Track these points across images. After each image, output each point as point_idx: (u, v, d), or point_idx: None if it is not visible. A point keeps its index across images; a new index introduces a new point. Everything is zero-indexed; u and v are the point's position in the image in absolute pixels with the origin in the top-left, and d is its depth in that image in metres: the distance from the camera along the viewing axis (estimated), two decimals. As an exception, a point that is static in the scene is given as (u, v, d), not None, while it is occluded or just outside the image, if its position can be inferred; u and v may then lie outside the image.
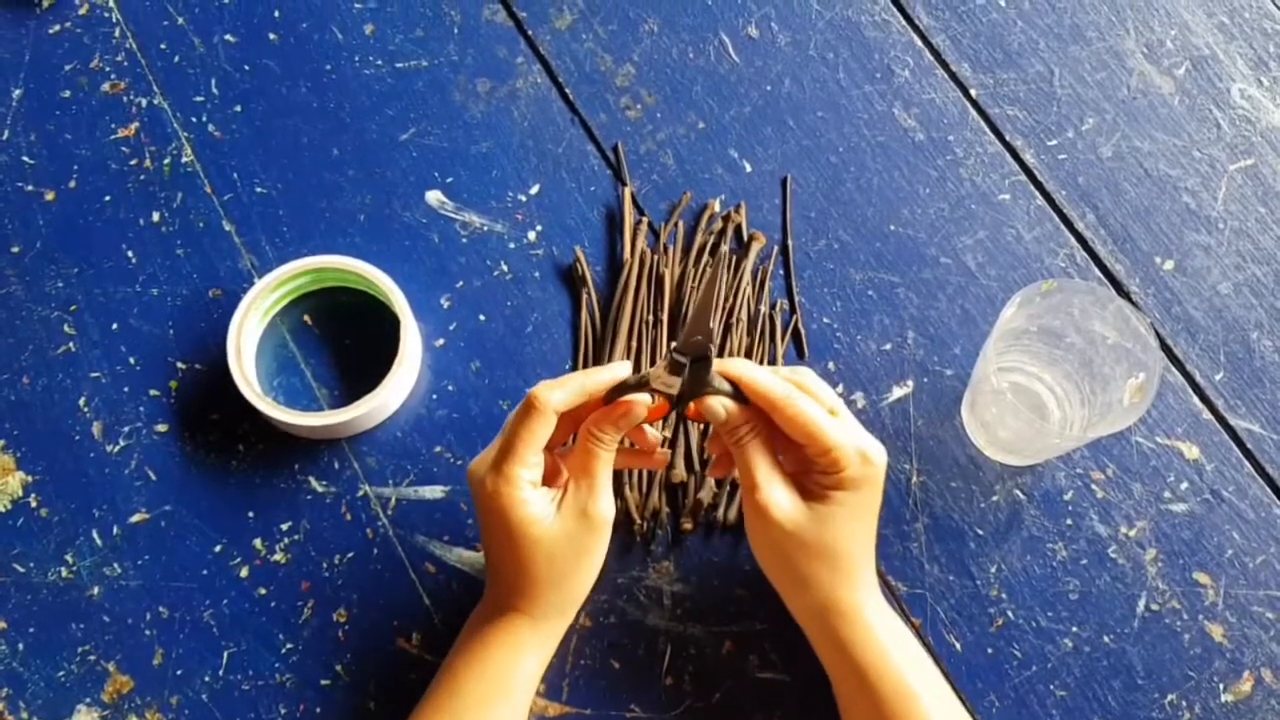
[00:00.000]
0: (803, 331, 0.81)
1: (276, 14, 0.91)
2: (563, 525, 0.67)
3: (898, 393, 0.80)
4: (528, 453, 0.66)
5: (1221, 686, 0.74)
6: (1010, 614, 0.75)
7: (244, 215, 0.85)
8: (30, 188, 0.86)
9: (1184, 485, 0.78)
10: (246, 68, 0.89)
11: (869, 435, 0.67)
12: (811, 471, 0.66)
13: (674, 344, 0.67)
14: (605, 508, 0.67)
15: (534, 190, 0.86)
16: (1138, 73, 0.88)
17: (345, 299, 0.83)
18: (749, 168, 0.86)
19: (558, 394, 0.66)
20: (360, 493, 0.78)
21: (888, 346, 0.81)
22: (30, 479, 0.78)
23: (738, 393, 0.66)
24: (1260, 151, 0.86)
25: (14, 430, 0.80)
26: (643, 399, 0.66)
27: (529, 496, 0.66)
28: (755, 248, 0.83)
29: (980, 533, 0.77)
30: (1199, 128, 0.87)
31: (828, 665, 0.69)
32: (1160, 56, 0.89)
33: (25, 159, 0.86)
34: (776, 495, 0.65)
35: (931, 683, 0.66)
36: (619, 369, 0.68)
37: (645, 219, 0.84)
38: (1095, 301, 0.71)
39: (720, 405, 0.66)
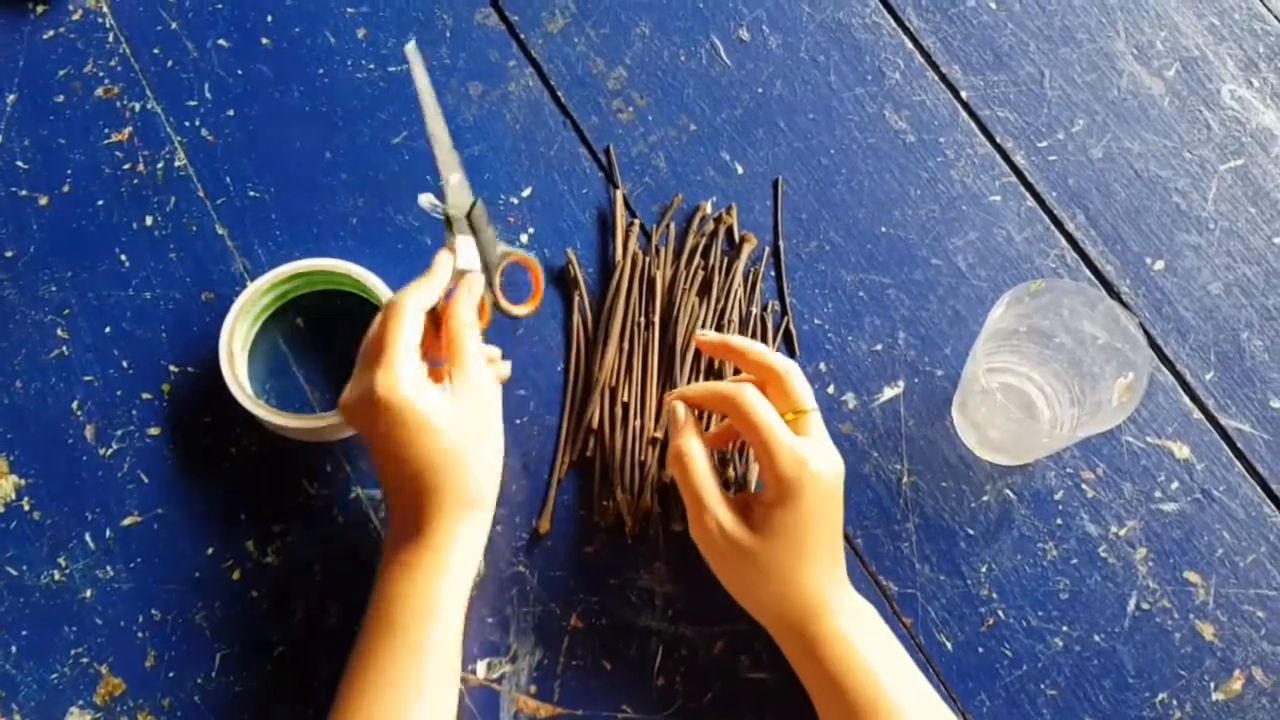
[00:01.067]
0: (794, 332, 0.82)
1: (269, 19, 0.91)
2: (457, 406, 0.68)
3: (889, 393, 0.80)
4: (405, 349, 0.68)
5: (1212, 685, 0.74)
6: (1001, 613, 0.75)
7: (237, 219, 0.85)
8: (24, 192, 0.86)
9: (1174, 485, 0.78)
10: (239, 72, 0.89)
11: (826, 446, 0.67)
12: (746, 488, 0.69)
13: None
14: (486, 375, 0.71)
15: (526, 193, 0.86)
16: (1128, 74, 0.89)
17: (338, 302, 0.83)
18: (740, 170, 0.86)
19: (415, 293, 0.70)
20: (352, 495, 0.78)
21: (879, 347, 0.81)
22: (23, 482, 0.79)
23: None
24: (1250, 152, 0.86)
25: (7, 434, 0.80)
26: (474, 269, 0.75)
27: (424, 390, 0.68)
28: (747, 249, 0.83)
29: (971, 532, 0.77)
30: (1189, 129, 0.87)
31: (800, 674, 0.68)
32: (1150, 58, 0.89)
33: (19, 164, 0.87)
34: (717, 515, 0.66)
35: (906, 682, 0.66)
36: (445, 255, 0.75)
37: (637, 221, 0.85)
38: (1084, 301, 0.71)
39: (680, 408, 0.70)
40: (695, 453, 0.68)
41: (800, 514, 0.65)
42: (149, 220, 0.85)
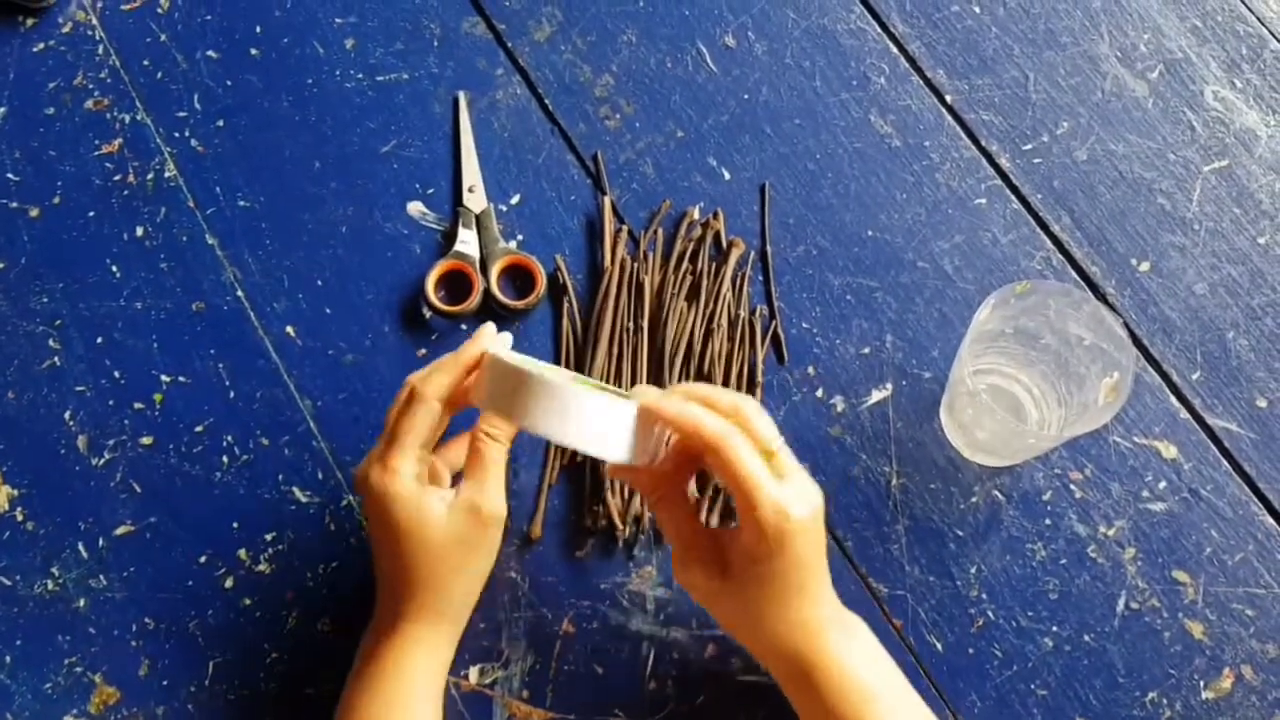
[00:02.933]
0: (782, 336, 0.82)
1: (258, 30, 0.91)
2: (453, 523, 0.66)
3: (877, 396, 0.81)
4: (412, 446, 0.66)
5: (1202, 684, 0.74)
6: (991, 614, 0.75)
7: (227, 229, 0.86)
8: (14, 204, 0.86)
9: (1162, 484, 0.78)
10: (229, 83, 0.90)
11: (802, 484, 0.64)
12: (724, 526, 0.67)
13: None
14: (497, 505, 0.68)
15: (515, 200, 0.86)
16: (1112, 76, 0.89)
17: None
18: (727, 175, 0.87)
19: (437, 379, 0.66)
20: (344, 502, 0.78)
21: (866, 350, 0.82)
22: (16, 492, 0.79)
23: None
24: (1234, 153, 0.87)
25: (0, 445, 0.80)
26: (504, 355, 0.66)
27: (416, 492, 0.66)
28: (734, 254, 0.83)
29: (960, 534, 0.77)
30: (1173, 130, 0.87)
31: (794, 703, 0.66)
32: (1134, 60, 0.90)
33: (9, 176, 0.87)
34: (692, 568, 0.65)
35: (905, 708, 0.65)
36: (486, 335, 0.69)
37: (625, 227, 0.85)
38: (1070, 303, 0.72)
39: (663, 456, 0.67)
40: (675, 506, 0.66)
41: (784, 562, 0.62)
42: (139, 231, 0.86)
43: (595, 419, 0.62)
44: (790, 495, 0.62)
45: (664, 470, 0.66)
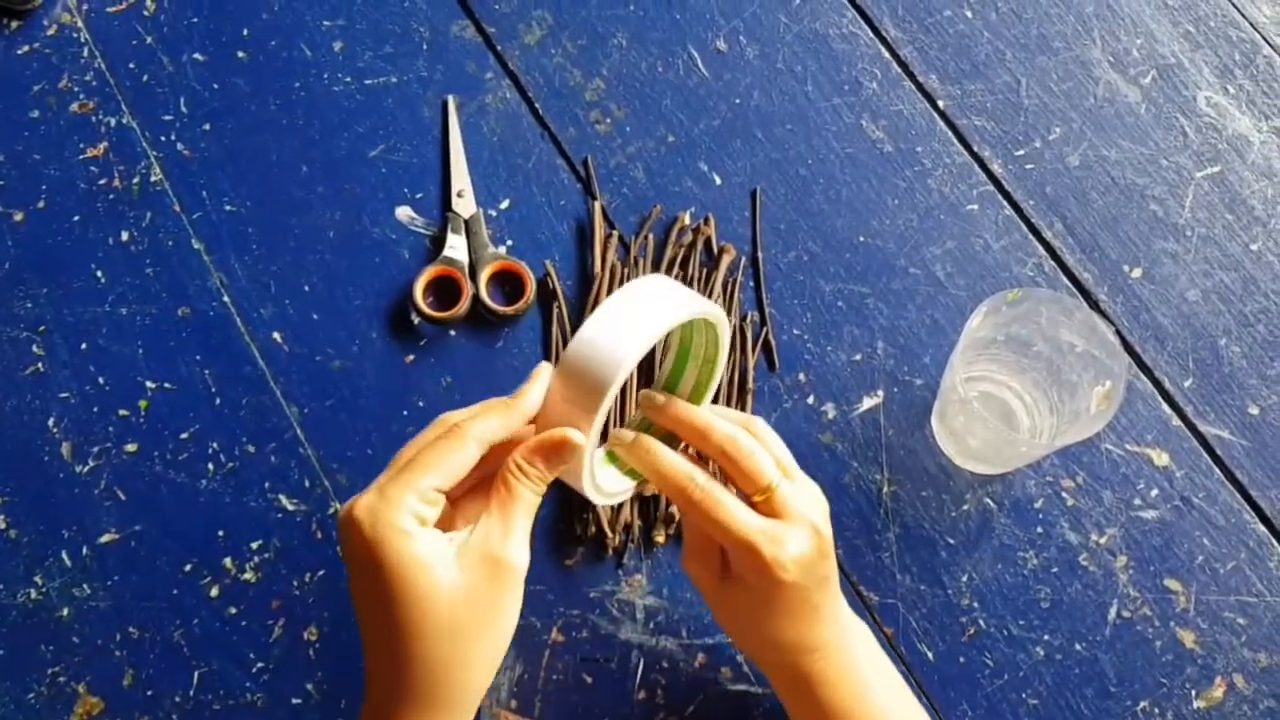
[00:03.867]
0: (773, 343, 0.81)
1: (245, 32, 0.91)
2: (464, 574, 0.51)
3: (868, 403, 0.80)
4: (429, 480, 0.52)
5: (1194, 693, 0.74)
6: (982, 623, 0.75)
7: (213, 233, 0.85)
8: (-1, 208, 0.86)
9: (1154, 492, 0.78)
10: (215, 86, 0.89)
11: (801, 523, 0.59)
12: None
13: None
14: (521, 555, 0.53)
15: (504, 205, 0.86)
16: (1104, 82, 0.89)
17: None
18: (718, 180, 0.86)
19: (486, 420, 0.53)
20: (330, 510, 0.78)
21: (858, 357, 0.81)
22: (-1, 500, 0.78)
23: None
24: (1227, 159, 0.86)
25: (-18, 451, 0.79)
26: (581, 438, 0.54)
27: (417, 532, 0.51)
28: (725, 260, 0.83)
29: (951, 542, 0.77)
30: (1166, 136, 0.87)
31: (791, 711, 0.65)
32: (1127, 65, 0.89)
33: (-6, 179, 0.86)
34: (697, 567, 0.63)
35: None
36: (544, 375, 0.56)
37: (616, 232, 0.84)
38: (1062, 310, 0.71)
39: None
40: (722, 499, 0.59)
41: (780, 601, 0.60)
42: (125, 235, 0.85)
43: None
44: (783, 546, 0.58)
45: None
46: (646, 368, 0.79)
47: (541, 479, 0.55)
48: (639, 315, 0.54)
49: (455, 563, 0.51)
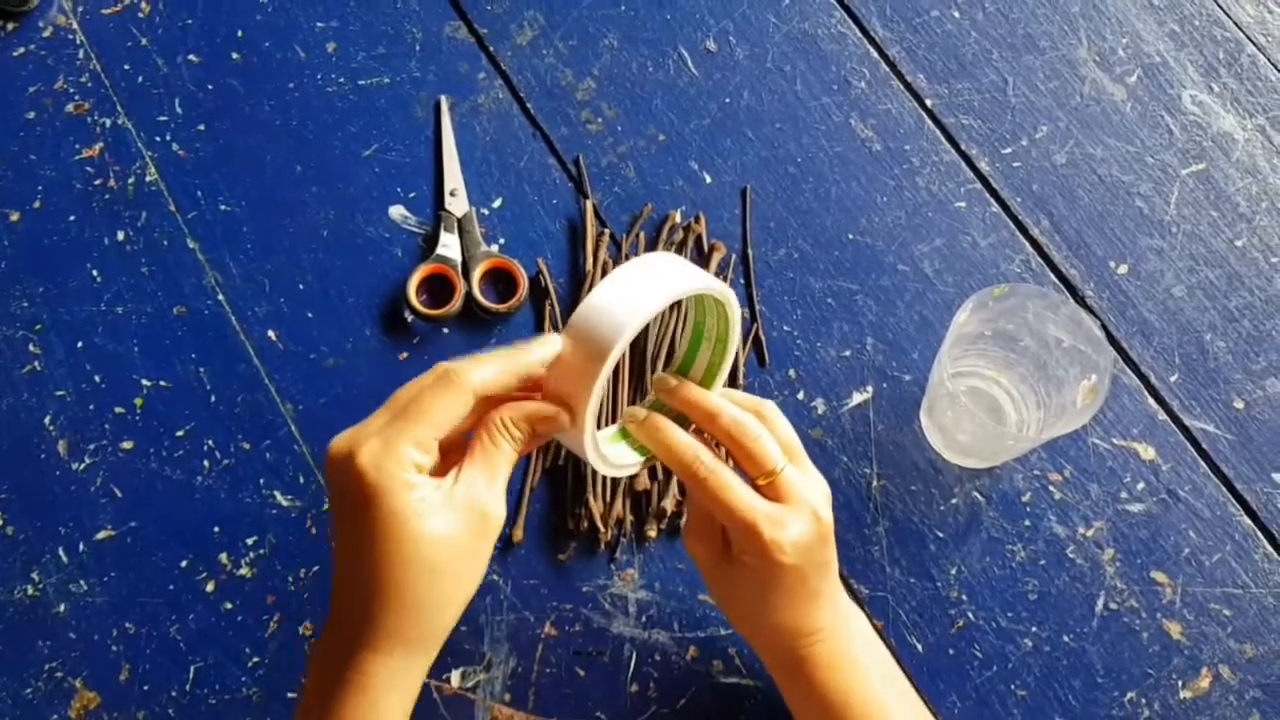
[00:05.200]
0: (763, 339, 0.82)
1: (239, 34, 0.91)
2: (450, 520, 0.54)
3: (857, 398, 0.81)
4: (427, 430, 0.54)
5: (1180, 683, 0.74)
6: (971, 615, 0.76)
7: (208, 233, 0.85)
8: (-5, 208, 0.86)
9: (1140, 485, 0.79)
10: (210, 87, 0.90)
11: (802, 508, 0.61)
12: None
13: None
14: (501, 506, 0.56)
15: (497, 204, 0.86)
16: (1090, 81, 0.90)
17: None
18: (709, 179, 0.87)
19: (483, 368, 0.55)
20: (325, 506, 0.78)
21: (847, 353, 0.82)
22: (-4, 498, 0.79)
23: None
24: (1211, 156, 0.87)
25: (-21, 449, 0.80)
26: (564, 418, 0.57)
27: (415, 480, 0.53)
28: (716, 258, 0.84)
29: (940, 535, 0.77)
30: (1151, 134, 0.88)
31: (787, 697, 0.66)
32: (1112, 64, 0.90)
33: (-10, 180, 0.87)
34: (698, 546, 0.64)
35: (907, 707, 0.65)
36: (551, 342, 0.57)
37: (607, 230, 0.85)
38: (1048, 305, 0.72)
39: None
40: (727, 479, 0.61)
41: (778, 583, 0.61)
42: (120, 235, 0.85)
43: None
44: (784, 530, 0.60)
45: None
46: (668, 351, 0.80)
47: (523, 441, 0.56)
48: (646, 285, 0.56)
49: (443, 509, 0.53)
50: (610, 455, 0.63)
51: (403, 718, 0.56)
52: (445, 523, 0.54)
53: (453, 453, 0.57)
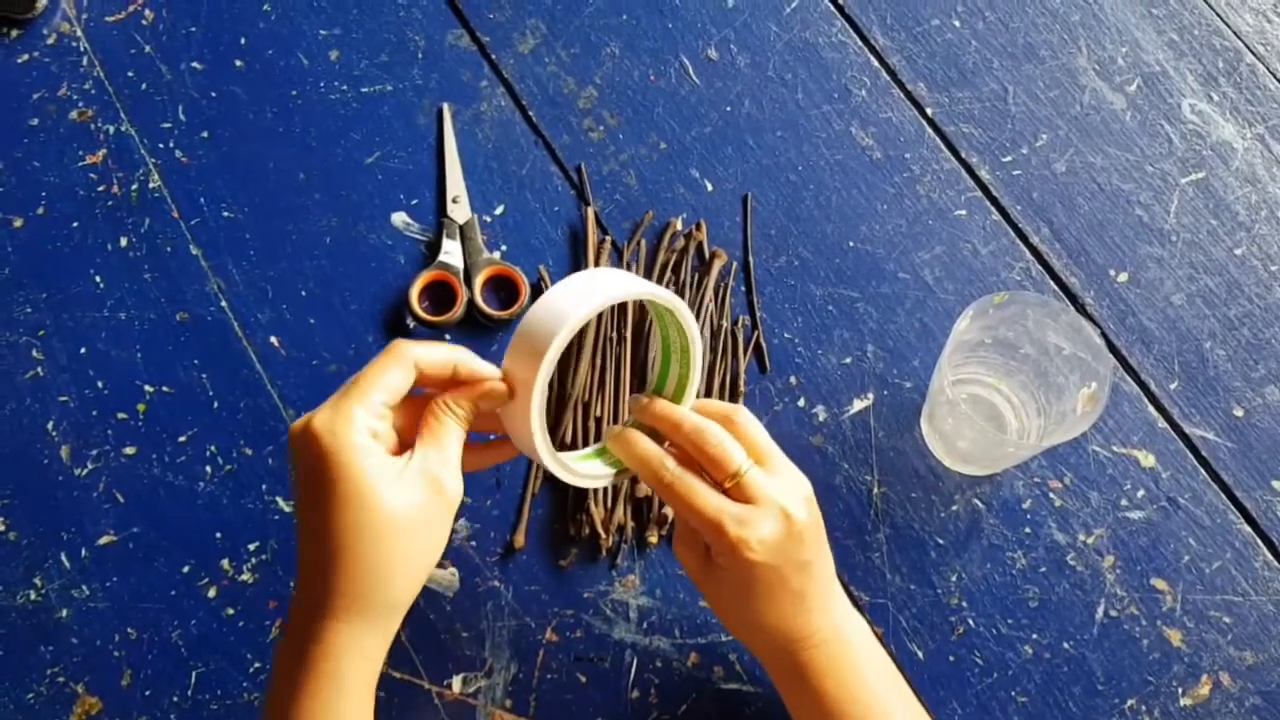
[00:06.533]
0: (764, 347, 0.82)
1: (243, 41, 0.92)
2: (406, 488, 0.56)
3: (858, 405, 0.81)
4: (376, 395, 0.57)
5: (1180, 690, 0.74)
6: (971, 622, 0.76)
7: (211, 239, 0.86)
8: (-2, 215, 0.87)
9: (1141, 493, 0.79)
10: (213, 94, 0.90)
11: (771, 509, 0.61)
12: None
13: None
14: (455, 479, 0.58)
15: (499, 211, 0.87)
16: (1090, 90, 0.90)
17: (312, 321, 0.84)
18: (710, 187, 0.87)
19: (429, 349, 0.59)
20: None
21: (848, 360, 0.82)
22: (-2, 503, 0.79)
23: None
24: (1211, 165, 0.88)
25: (-18, 455, 0.80)
26: (501, 387, 0.60)
27: (370, 446, 0.56)
28: (717, 265, 0.84)
29: (941, 542, 0.78)
30: (1151, 142, 0.88)
31: (787, 701, 0.66)
32: (1112, 73, 0.90)
33: (-7, 186, 0.87)
34: (687, 553, 0.65)
35: (906, 711, 0.65)
36: (486, 366, 0.61)
37: (608, 238, 0.86)
38: (1048, 313, 0.72)
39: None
40: (691, 483, 0.63)
41: (754, 583, 0.62)
42: (123, 241, 0.86)
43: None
44: (752, 527, 0.61)
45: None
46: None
47: (465, 418, 0.60)
48: (588, 289, 0.60)
49: (398, 479, 0.56)
50: (585, 469, 0.66)
51: (366, 686, 0.58)
52: (401, 491, 0.56)
53: (408, 434, 0.60)
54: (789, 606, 0.63)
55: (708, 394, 0.81)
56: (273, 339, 0.83)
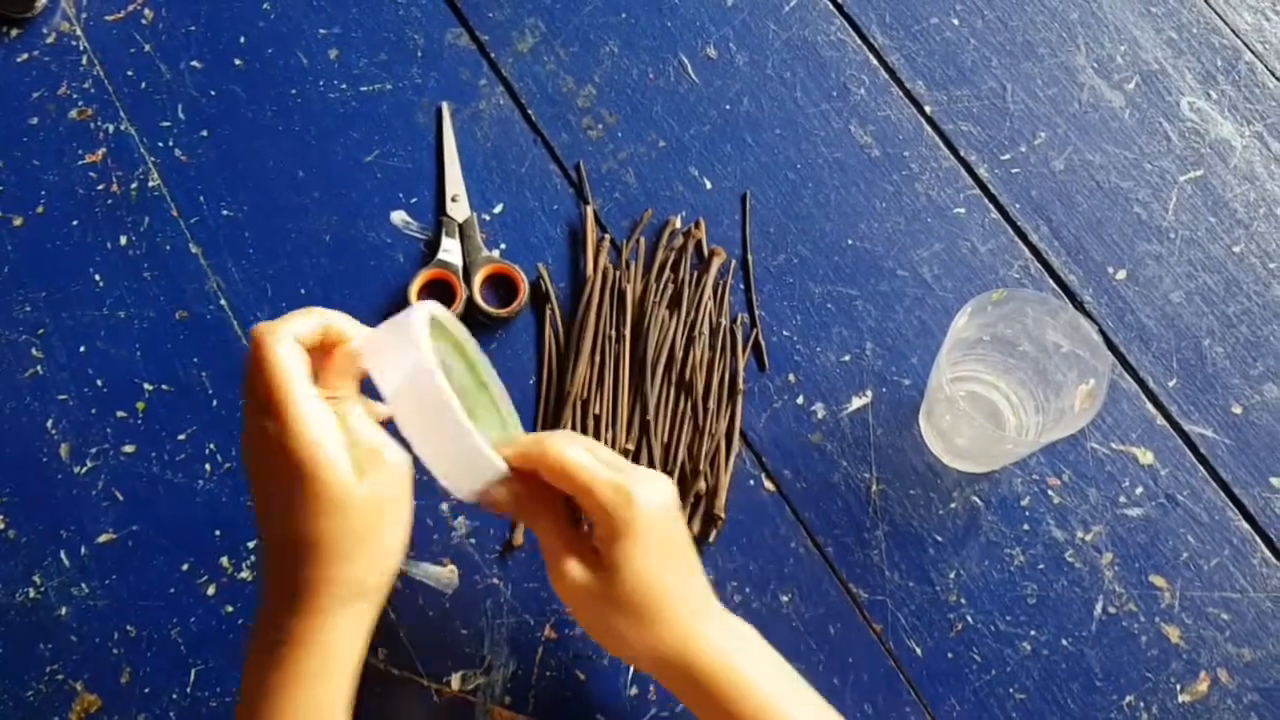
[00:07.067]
0: (763, 344, 0.83)
1: (242, 40, 0.92)
2: (366, 480, 0.57)
3: (857, 403, 0.81)
4: (299, 386, 0.56)
5: (1178, 687, 0.75)
6: (969, 619, 0.76)
7: (210, 238, 0.86)
8: (-2, 213, 0.87)
9: (1139, 490, 0.79)
10: (212, 93, 0.90)
11: (649, 476, 0.63)
12: (593, 531, 0.62)
13: None
14: (396, 454, 0.59)
15: (498, 209, 0.87)
16: (1089, 87, 0.90)
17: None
18: (709, 185, 0.87)
19: (290, 322, 0.58)
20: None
21: (847, 358, 0.82)
22: (-2, 501, 0.79)
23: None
24: (1209, 163, 0.88)
25: (-18, 453, 0.80)
26: (355, 346, 0.60)
27: (328, 442, 0.56)
28: (716, 263, 0.84)
29: (939, 539, 0.78)
30: (1149, 140, 0.88)
31: (696, 714, 0.64)
32: (1110, 71, 0.91)
33: (-7, 185, 0.87)
34: (568, 566, 0.62)
35: (804, 702, 0.63)
36: (350, 325, 0.61)
37: (607, 236, 0.86)
38: (1047, 310, 0.72)
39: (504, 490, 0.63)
40: (543, 513, 0.64)
41: (639, 546, 0.60)
42: (123, 240, 0.86)
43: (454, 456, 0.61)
44: (632, 480, 0.61)
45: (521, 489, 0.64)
46: (668, 353, 0.82)
47: (354, 391, 0.60)
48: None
49: (355, 468, 0.56)
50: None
51: (350, 673, 0.59)
52: (362, 483, 0.56)
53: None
54: (683, 595, 0.62)
55: (706, 392, 0.81)
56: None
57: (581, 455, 0.61)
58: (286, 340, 0.57)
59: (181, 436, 0.80)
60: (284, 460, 0.55)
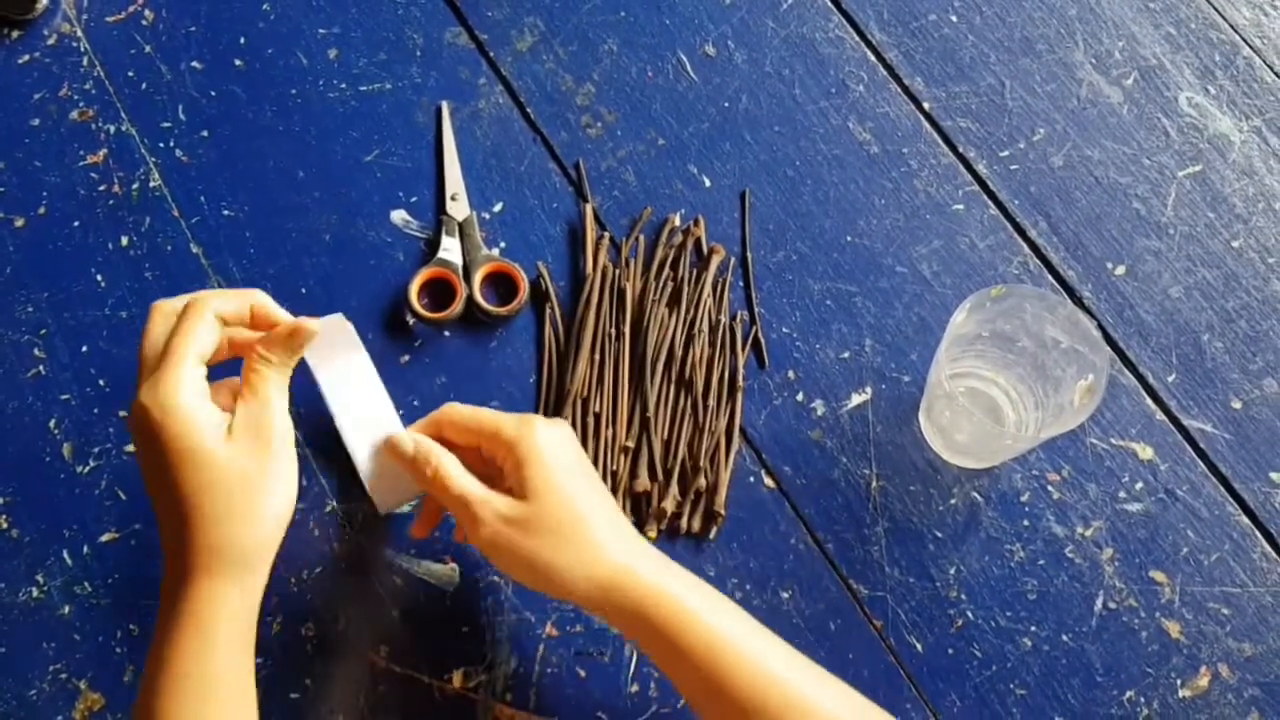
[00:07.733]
0: (763, 341, 0.83)
1: (242, 40, 0.92)
2: (234, 441, 0.59)
3: (856, 400, 0.81)
4: (190, 354, 0.59)
5: (1179, 682, 0.75)
6: (970, 614, 0.76)
7: (211, 238, 0.86)
8: (0, 215, 0.87)
9: (1139, 485, 0.79)
10: (213, 93, 0.91)
11: (545, 417, 0.70)
12: (500, 473, 0.67)
13: None
14: (281, 424, 0.61)
15: (497, 208, 0.87)
16: (1087, 83, 0.90)
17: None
18: (708, 182, 0.88)
19: (219, 300, 0.61)
20: (328, 509, 0.79)
21: (846, 355, 0.83)
22: (1, 500, 0.79)
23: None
24: (1208, 158, 0.88)
25: (-16, 453, 0.81)
26: (312, 323, 0.64)
27: (193, 404, 0.58)
28: (715, 260, 0.84)
29: (939, 535, 0.78)
30: (1148, 136, 0.88)
31: (642, 648, 0.65)
32: (1109, 67, 0.91)
33: (-5, 186, 0.88)
34: (487, 505, 0.64)
35: (742, 618, 0.64)
36: (280, 312, 0.65)
37: (607, 234, 0.86)
38: (1046, 306, 0.72)
39: (409, 439, 0.69)
40: (445, 458, 0.67)
41: (548, 466, 0.64)
42: (124, 240, 0.86)
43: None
44: (529, 416, 0.67)
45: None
46: (668, 351, 0.81)
47: (281, 362, 0.63)
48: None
49: (227, 433, 0.59)
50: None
51: (236, 642, 0.61)
52: (234, 445, 0.59)
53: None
54: (609, 524, 0.65)
55: (706, 389, 0.81)
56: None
57: (481, 408, 0.69)
58: (203, 314, 0.60)
59: (183, 436, 0.81)
60: (148, 418, 0.58)
